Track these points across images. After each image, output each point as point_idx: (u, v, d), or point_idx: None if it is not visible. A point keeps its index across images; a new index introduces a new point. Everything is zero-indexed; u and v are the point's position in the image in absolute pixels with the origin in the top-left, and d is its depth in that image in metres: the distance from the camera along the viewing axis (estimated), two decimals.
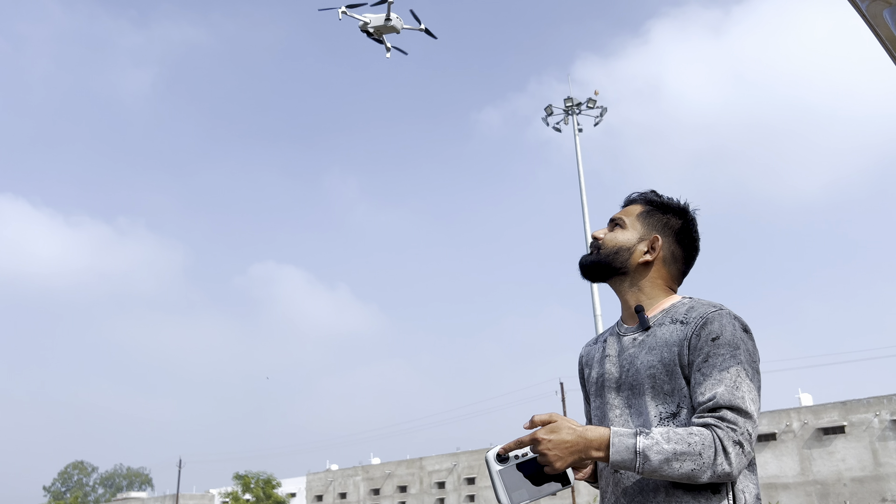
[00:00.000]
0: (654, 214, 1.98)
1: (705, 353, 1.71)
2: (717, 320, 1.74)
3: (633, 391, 1.82)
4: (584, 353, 2.10)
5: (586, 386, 2.04)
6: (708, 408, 1.65)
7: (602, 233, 2.00)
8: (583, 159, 30.52)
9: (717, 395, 1.65)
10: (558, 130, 31.96)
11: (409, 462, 50.47)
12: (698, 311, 1.79)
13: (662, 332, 1.82)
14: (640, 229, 1.96)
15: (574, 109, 31.71)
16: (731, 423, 1.62)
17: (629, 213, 2.00)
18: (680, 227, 1.97)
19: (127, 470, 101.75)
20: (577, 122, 31.43)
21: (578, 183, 29.38)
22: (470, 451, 47.55)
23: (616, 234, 1.96)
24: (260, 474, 42.69)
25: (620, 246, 1.94)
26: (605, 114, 32.16)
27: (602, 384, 1.91)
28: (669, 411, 1.74)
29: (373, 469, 52.59)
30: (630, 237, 1.95)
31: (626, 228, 1.97)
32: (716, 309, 1.78)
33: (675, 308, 1.86)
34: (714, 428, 1.62)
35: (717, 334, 1.72)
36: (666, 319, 1.84)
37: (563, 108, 31.97)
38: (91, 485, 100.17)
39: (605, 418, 1.87)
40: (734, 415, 1.63)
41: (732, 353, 1.70)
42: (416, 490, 49.26)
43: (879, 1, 1.61)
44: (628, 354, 1.87)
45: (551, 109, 32.06)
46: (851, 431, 33.49)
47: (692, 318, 1.78)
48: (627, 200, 2.05)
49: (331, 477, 54.81)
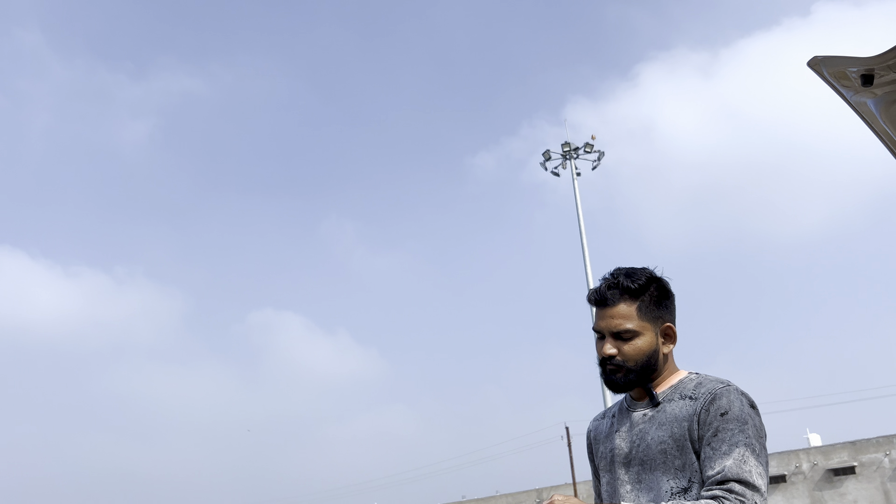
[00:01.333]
0: (651, 305, 1.94)
1: (714, 427, 1.76)
2: (725, 396, 1.80)
3: (644, 466, 1.85)
4: (592, 427, 2.12)
5: (595, 461, 2.06)
6: (716, 480, 1.70)
7: (612, 350, 1.91)
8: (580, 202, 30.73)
9: (726, 469, 1.70)
10: (556, 175, 32.23)
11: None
12: (707, 386, 1.85)
13: (672, 408, 1.86)
14: (651, 326, 1.92)
15: (572, 154, 32.02)
16: (738, 496, 1.66)
17: (630, 318, 1.91)
18: (669, 302, 1.97)
19: None
20: (574, 167, 31.71)
21: (578, 227, 29.53)
22: (476, 500, 46.75)
23: (637, 345, 1.90)
24: None
25: (647, 354, 1.91)
26: (603, 157, 32.48)
27: (612, 459, 1.94)
28: (681, 486, 1.78)
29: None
30: (650, 340, 1.91)
31: (640, 334, 1.91)
32: (723, 385, 1.83)
33: (682, 384, 1.91)
34: (722, 500, 1.66)
35: (726, 409, 1.77)
36: (675, 395, 1.89)
37: (560, 153, 32.29)
38: None
39: (615, 494, 1.90)
40: (742, 487, 1.67)
41: (741, 427, 1.75)
42: None
43: (864, 91, 1.69)
44: (639, 430, 1.90)
45: (549, 154, 32.35)
46: (862, 472, 33.00)
47: (701, 394, 1.83)
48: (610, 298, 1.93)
49: None
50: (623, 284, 1.93)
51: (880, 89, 1.65)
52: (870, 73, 1.58)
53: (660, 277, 1.98)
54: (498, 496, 45.61)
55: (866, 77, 1.59)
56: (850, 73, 1.61)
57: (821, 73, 1.67)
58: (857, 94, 1.71)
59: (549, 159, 32.33)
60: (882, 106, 1.70)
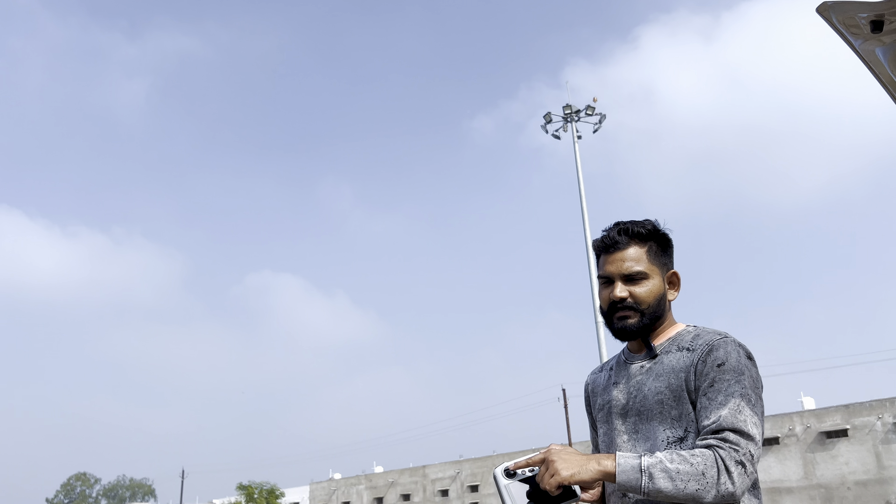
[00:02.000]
0: (659, 250, 1.98)
1: (711, 378, 1.78)
2: (722, 347, 1.81)
3: (641, 417, 1.88)
4: (590, 380, 2.15)
5: (593, 413, 2.09)
6: (711, 430, 1.71)
7: (625, 292, 1.92)
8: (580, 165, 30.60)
9: (721, 418, 1.71)
10: (557, 138, 32.04)
11: (412, 470, 50.38)
12: (704, 338, 1.86)
13: (669, 360, 1.88)
14: (659, 270, 1.95)
15: (573, 117, 31.80)
16: (733, 445, 1.68)
17: (640, 261, 1.93)
18: (670, 247, 2.01)
19: (130, 481, 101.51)
20: (576, 130, 31.52)
21: (578, 191, 29.44)
22: (473, 459, 47.47)
23: (648, 288, 1.92)
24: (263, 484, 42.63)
25: (657, 297, 1.93)
26: (604, 120, 32.28)
27: (609, 411, 1.97)
28: (677, 436, 1.80)
29: (376, 478, 52.49)
30: (658, 284, 1.94)
31: (650, 277, 1.93)
32: (721, 336, 1.84)
33: (680, 336, 1.92)
34: (717, 449, 1.67)
35: (723, 361, 1.79)
36: (672, 347, 1.90)
37: (561, 116, 32.06)
38: (94, 496, 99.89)
39: (612, 444, 1.92)
40: (736, 436, 1.69)
41: (737, 378, 1.76)
42: (420, 498, 49.15)
43: (873, 40, 1.68)
44: (636, 381, 1.92)
45: (550, 117, 32.13)
46: (854, 435, 33.46)
47: (698, 346, 1.84)
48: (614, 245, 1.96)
49: (334, 486, 54.70)
50: (633, 229, 1.96)
51: (889, 37, 1.63)
52: (880, 18, 1.56)
53: (663, 230, 2.01)
54: (495, 456, 46.27)
55: (876, 23, 1.58)
56: (860, 20, 1.59)
57: (829, 20, 1.65)
58: (866, 41, 1.69)
59: (549, 122, 32.10)
60: (890, 54, 1.69)
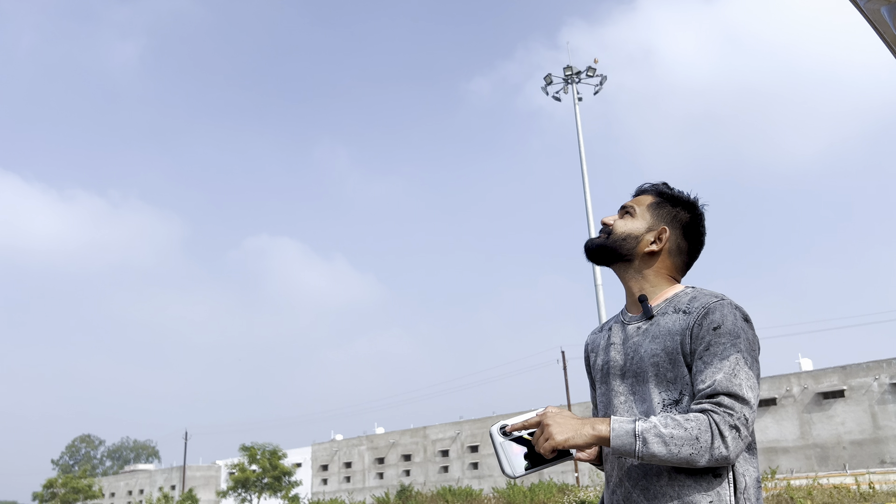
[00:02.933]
0: (663, 206, 2.02)
1: (707, 341, 1.76)
2: (718, 310, 1.79)
3: (637, 378, 1.87)
4: (589, 340, 2.15)
5: (592, 373, 2.10)
6: (706, 394, 1.70)
7: (612, 219, 2.04)
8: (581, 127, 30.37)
9: (716, 382, 1.70)
10: (558, 100, 31.77)
11: (412, 431, 51.01)
12: (700, 300, 1.84)
13: (665, 322, 1.86)
14: (650, 219, 2.00)
15: (574, 78, 31.49)
16: (727, 409, 1.66)
17: (640, 203, 2.04)
18: (688, 221, 2.02)
19: (134, 443, 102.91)
20: (576, 91, 31.24)
21: (579, 153, 29.31)
22: (473, 420, 48.03)
23: (626, 222, 2.01)
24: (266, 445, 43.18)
25: (629, 233, 1.98)
26: (605, 82, 31.96)
27: (607, 371, 1.97)
28: (672, 398, 1.79)
29: (377, 438, 53.18)
30: (639, 226, 1.99)
31: (635, 217, 2.01)
32: (717, 299, 1.82)
33: (677, 297, 1.91)
34: (711, 413, 1.66)
35: (719, 323, 1.76)
36: (669, 309, 1.89)
37: (562, 77, 31.74)
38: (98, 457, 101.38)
39: (609, 405, 1.92)
40: (731, 400, 1.67)
41: (733, 341, 1.74)
42: (421, 458, 49.86)
43: None
44: (633, 343, 1.92)
45: (550, 78, 31.81)
46: (851, 395, 33.80)
47: (694, 308, 1.82)
48: (639, 190, 2.08)
49: (336, 447, 55.45)
50: (657, 185, 2.07)
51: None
52: None
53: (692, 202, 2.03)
54: (495, 417, 46.80)
55: None
56: None
57: None
58: (871, 0, 1.65)
59: (550, 83, 31.81)
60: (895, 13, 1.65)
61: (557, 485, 21.25)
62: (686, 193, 2.05)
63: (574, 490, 18.64)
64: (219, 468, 65.67)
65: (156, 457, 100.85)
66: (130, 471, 73.15)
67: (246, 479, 41.07)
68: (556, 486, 20.81)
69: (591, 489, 18.43)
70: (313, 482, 56.01)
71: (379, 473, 52.02)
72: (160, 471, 67.93)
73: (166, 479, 65.06)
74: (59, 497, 52.25)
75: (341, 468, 54.56)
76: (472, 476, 46.06)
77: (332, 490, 53.36)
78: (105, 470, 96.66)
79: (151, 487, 65.37)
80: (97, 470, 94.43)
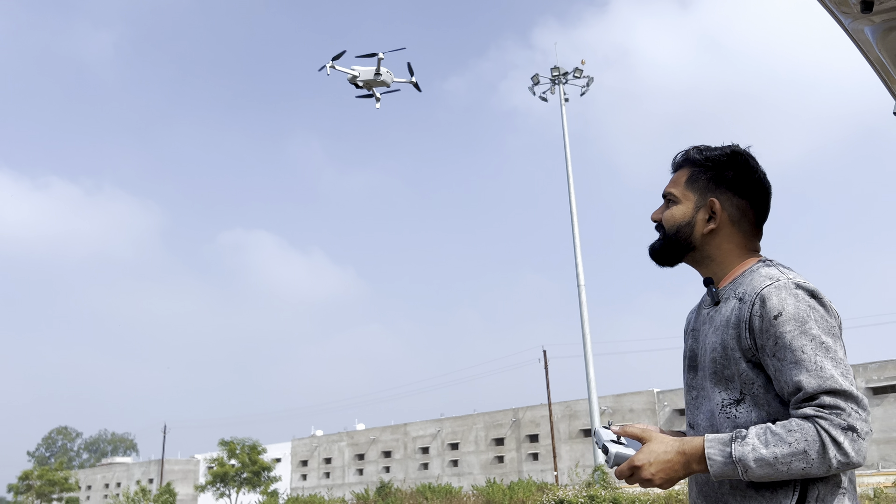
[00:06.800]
0: (702, 175, 1.78)
1: (772, 334, 1.55)
2: (774, 295, 1.57)
3: (703, 373, 1.71)
4: (687, 319, 1.91)
5: None
6: (801, 399, 1.50)
7: (658, 213, 1.83)
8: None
9: (805, 384, 1.49)
10: (544, 100, 31.87)
11: (393, 428, 51.00)
12: (755, 284, 1.62)
13: (725, 309, 1.67)
14: (695, 197, 1.77)
15: (561, 79, 31.59)
16: (833, 410, 1.46)
17: (678, 183, 1.81)
18: (735, 178, 1.75)
19: (111, 435, 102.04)
20: (563, 93, 31.35)
21: (564, 154, 29.43)
22: (454, 418, 48.10)
23: (672, 211, 1.79)
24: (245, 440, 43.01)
25: (679, 223, 1.77)
26: (592, 83, 32.10)
27: (685, 359, 1.81)
28: (732, 398, 1.62)
29: (357, 435, 53.11)
30: (685, 210, 1.77)
31: (679, 202, 1.79)
32: (772, 281, 1.60)
33: (742, 278, 1.69)
34: (816, 420, 1.46)
35: (779, 311, 1.55)
36: (731, 293, 1.68)
37: (549, 78, 31.84)
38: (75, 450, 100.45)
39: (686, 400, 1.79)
40: (833, 398, 1.47)
41: (801, 328, 1.53)
42: (401, 455, 49.87)
43: (862, 19, 1.69)
44: (702, 331, 1.74)
45: (538, 79, 31.90)
46: None
47: (748, 295, 1.61)
48: (674, 166, 1.86)
49: (315, 442, 55.33)
50: (689, 153, 1.82)
51: (878, 17, 1.65)
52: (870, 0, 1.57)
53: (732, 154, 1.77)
54: (475, 415, 46.91)
55: (866, 3, 1.58)
56: None
57: None
58: (856, 20, 1.71)
59: (537, 83, 31.90)
60: (879, 34, 1.71)
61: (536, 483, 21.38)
62: (719, 148, 1.79)
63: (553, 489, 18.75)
64: (197, 462, 65.30)
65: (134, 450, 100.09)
66: (108, 464, 72.48)
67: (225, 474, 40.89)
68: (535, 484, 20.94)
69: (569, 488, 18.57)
70: (292, 477, 55.86)
71: (359, 469, 51.98)
72: (138, 464, 67.41)
73: (144, 473, 64.59)
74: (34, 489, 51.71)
75: (321, 464, 54.45)
76: (452, 473, 46.14)
77: (312, 486, 53.25)
78: (82, 462, 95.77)
79: (129, 481, 64.86)
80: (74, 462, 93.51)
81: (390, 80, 24.20)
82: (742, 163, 1.76)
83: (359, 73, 23.77)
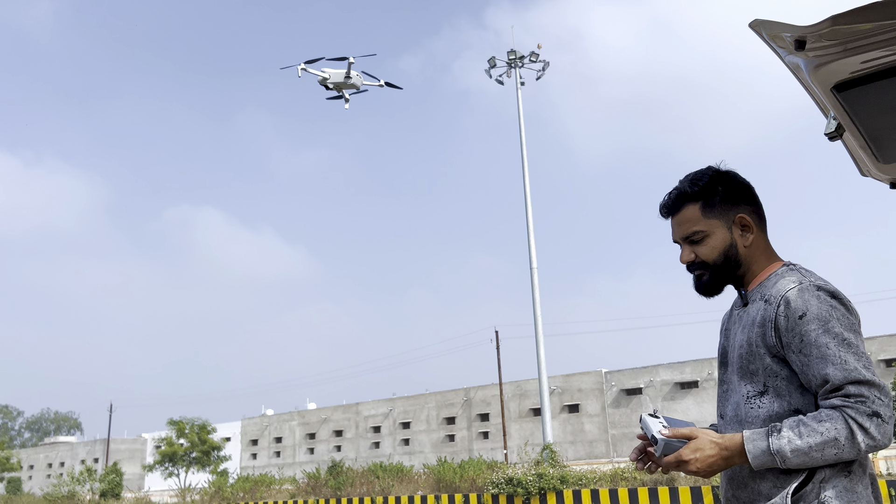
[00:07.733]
0: (714, 202, 1.90)
1: (798, 333, 1.70)
2: (798, 297, 1.72)
3: (731, 368, 1.87)
4: (722, 320, 2.06)
5: None
6: (828, 391, 1.65)
7: (688, 255, 1.92)
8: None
9: (831, 377, 1.64)
10: (500, 83, 31.99)
11: (345, 407, 51.10)
12: (779, 287, 1.77)
13: (752, 310, 1.82)
14: (720, 222, 1.88)
15: (517, 63, 31.75)
16: (859, 398, 1.61)
17: (694, 221, 1.90)
18: (736, 191, 1.91)
19: (55, 414, 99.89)
20: (519, 76, 31.51)
21: (519, 137, 29.62)
22: (405, 397, 48.40)
23: (710, 244, 1.89)
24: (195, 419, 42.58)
25: (723, 249, 1.88)
26: (548, 68, 32.34)
27: (718, 356, 1.98)
28: (756, 390, 1.77)
29: (308, 414, 53.07)
30: (722, 236, 1.88)
31: (710, 233, 1.89)
32: (795, 284, 1.75)
33: (768, 282, 1.84)
34: (843, 409, 1.61)
35: (803, 311, 1.70)
36: (757, 295, 1.84)
37: (506, 61, 31.97)
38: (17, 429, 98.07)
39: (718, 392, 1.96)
40: (857, 387, 1.62)
41: (824, 326, 1.67)
42: (352, 434, 50.05)
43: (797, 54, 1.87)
44: (733, 330, 1.90)
45: (494, 62, 31.98)
46: None
47: (773, 297, 1.76)
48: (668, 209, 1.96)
49: (266, 422, 55.10)
50: (682, 190, 1.92)
51: (811, 53, 1.83)
52: (802, 39, 1.74)
53: (723, 172, 1.91)
54: (427, 394, 47.29)
55: (799, 42, 1.76)
56: (786, 37, 1.78)
57: (760, 34, 1.83)
58: (791, 54, 1.88)
59: (494, 66, 31.98)
60: (811, 68, 1.88)
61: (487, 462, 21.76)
62: (700, 173, 1.93)
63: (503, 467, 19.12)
64: (145, 441, 64.43)
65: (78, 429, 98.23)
66: (51, 443, 71.04)
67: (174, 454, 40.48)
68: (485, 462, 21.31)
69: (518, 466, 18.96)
70: (242, 457, 55.59)
71: (310, 449, 52.01)
72: (82, 443, 66.24)
73: (89, 452, 63.52)
74: None
75: (271, 443, 54.30)
76: (404, 452, 46.54)
77: (262, 465, 53.09)
78: (23, 442, 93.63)
79: (73, 460, 63.70)
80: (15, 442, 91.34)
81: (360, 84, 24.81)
82: (731, 177, 1.91)
83: (329, 75, 24.39)
